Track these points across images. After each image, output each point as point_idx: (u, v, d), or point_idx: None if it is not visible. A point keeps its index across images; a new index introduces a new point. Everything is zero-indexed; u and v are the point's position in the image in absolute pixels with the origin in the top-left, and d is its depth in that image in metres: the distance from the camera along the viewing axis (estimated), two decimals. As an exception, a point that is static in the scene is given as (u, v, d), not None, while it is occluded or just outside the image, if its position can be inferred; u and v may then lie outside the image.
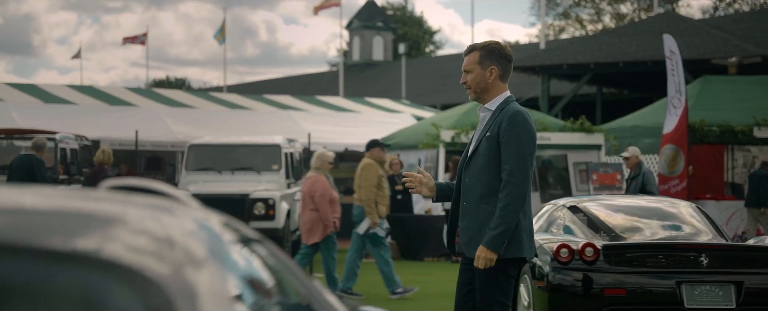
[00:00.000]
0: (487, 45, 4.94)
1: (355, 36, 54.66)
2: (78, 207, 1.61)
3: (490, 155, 4.75)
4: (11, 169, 13.48)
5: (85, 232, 1.51)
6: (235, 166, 15.95)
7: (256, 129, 21.99)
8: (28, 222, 1.51)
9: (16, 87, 24.61)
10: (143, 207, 1.71)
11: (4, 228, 1.47)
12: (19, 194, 1.69)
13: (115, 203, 1.70)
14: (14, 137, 16.89)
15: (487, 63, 4.86)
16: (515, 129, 4.72)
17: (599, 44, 28.40)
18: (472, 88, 4.88)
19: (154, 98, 25.66)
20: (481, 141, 4.82)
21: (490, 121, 4.83)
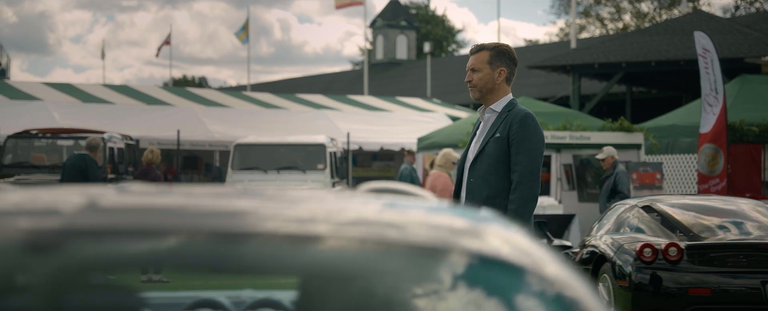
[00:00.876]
0: (498, 46, 4.93)
1: (379, 35, 54.76)
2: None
3: (499, 156, 4.72)
4: (65, 169, 13.60)
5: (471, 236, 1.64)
6: (281, 165, 16.10)
7: (292, 128, 22.14)
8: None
9: (54, 86, 24.82)
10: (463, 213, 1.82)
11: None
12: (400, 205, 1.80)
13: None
14: (61, 137, 17.06)
15: (497, 64, 4.83)
16: (527, 131, 4.70)
17: (630, 43, 28.40)
18: (477, 86, 4.83)
19: (189, 97, 25.83)
20: (488, 142, 4.77)
21: (497, 122, 4.78)
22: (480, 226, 1.70)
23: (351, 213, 1.70)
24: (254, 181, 15.69)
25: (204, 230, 1.53)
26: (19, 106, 21.42)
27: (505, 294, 1.52)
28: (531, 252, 1.64)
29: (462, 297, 1.50)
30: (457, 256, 1.56)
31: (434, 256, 1.55)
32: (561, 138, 18.15)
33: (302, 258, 1.53)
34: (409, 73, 51.39)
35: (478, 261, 1.57)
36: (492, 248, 1.61)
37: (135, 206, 1.65)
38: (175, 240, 1.50)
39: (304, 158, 16.24)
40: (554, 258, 1.68)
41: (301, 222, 1.59)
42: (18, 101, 22.00)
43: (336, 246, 1.55)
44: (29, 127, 19.03)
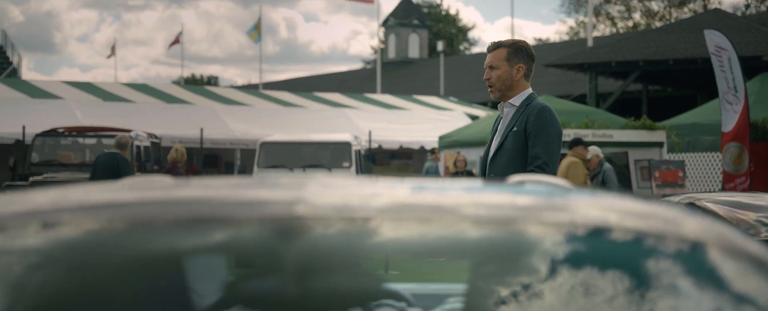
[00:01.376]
0: (515, 43, 4.92)
1: (391, 34, 54.82)
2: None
3: (517, 150, 4.72)
4: (96, 167, 13.67)
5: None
6: (306, 163, 16.17)
7: (312, 126, 22.21)
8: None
9: (74, 85, 24.92)
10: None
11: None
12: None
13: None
14: (88, 135, 17.14)
15: (515, 60, 4.83)
16: (543, 124, 4.69)
17: (647, 41, 28.40)
18: (496, 85, 4.84)
19: (208, 95, 25.91)
20: (507, 136, 4.76)
21: (516, 116, 4.79)
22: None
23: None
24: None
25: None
26: (41, 105, 21.53)
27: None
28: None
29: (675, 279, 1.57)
30: (673, 242, 1.63)
31: (654, 241, 1.62)
32: (583, 136, 18.17)
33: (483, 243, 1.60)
34: (421, 72, 51.44)
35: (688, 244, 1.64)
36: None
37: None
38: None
39: (330, 156, 16.31)
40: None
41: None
42: (39, 100, 22.11)
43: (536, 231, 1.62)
44: (52, 126, 19.13)
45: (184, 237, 1.59)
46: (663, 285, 1.53)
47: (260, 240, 1.53)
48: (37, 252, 1.60)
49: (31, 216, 1.67)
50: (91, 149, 16.89)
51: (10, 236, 1.61)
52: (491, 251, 1.59)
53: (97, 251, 1.61)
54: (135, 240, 1.62)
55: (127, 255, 1.62)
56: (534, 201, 1.76)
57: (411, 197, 1.71)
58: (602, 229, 1.62)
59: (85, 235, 1.60)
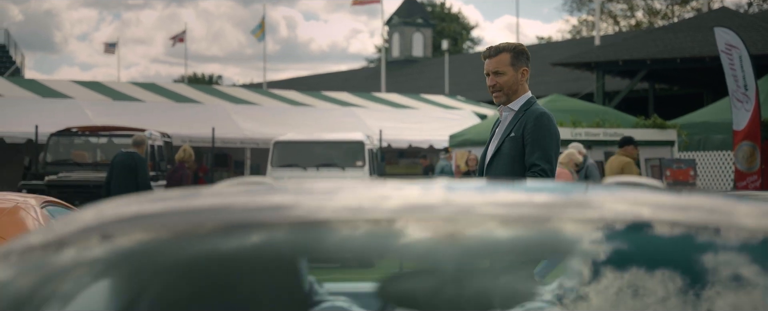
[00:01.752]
0: (516, 46, 4.88)
1: (395, 32, 54.86)
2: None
3: (514, 156, 4.70)
4: (113, 167, 13.70)
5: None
6: (320, 162, 16.21)
7: (322, 125, 22.26)
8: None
9: (83, 84, 24.95)
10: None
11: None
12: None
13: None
14: (101, 134, 17.18)
15: (518, 65, 4.82)
16: (541, 130, 4.67)
17: (654, 40, 28.44)
18: (504, 90, 4.80)
19: (216, 95, 25.94)
20: (504, 141, 4.75)
21: (514, 121, 4.77)
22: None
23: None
24: (295, 178, 15.81)
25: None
26: (51, 104, 21.56)
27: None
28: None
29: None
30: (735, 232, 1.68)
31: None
32: (595, 135, 18.23)
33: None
34: (425, 71, 51.47)
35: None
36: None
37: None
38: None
39: (343, 155, 16.36)
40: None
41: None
42: (49, 99, 22.12)
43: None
44: (63, 125, 19.17)
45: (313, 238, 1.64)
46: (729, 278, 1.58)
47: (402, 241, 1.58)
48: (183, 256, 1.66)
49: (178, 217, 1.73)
50: (105, 149, 16.93)
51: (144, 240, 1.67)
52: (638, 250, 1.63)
53: (226, 254, 1.66)
54: (261, 241, 1.66)
55: (249, 256, 1.68)
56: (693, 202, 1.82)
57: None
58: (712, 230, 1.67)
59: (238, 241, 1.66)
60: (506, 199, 1.76)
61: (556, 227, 1.63)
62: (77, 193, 14.47)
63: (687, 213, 1.72)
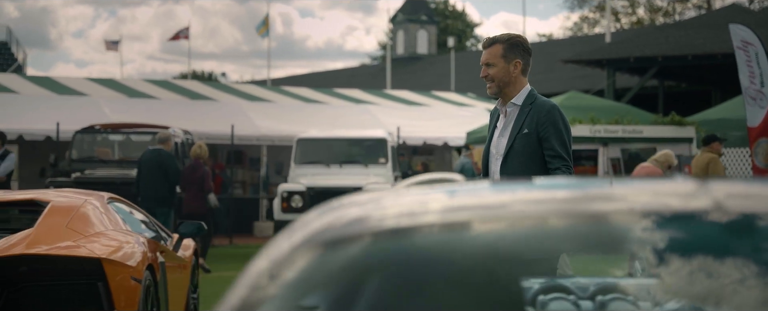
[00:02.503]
0: (511, 38, 4.83)
1: (399, 30, 54.86)
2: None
3: (529, 153, 4.66)
4: (142, 164, 13.76)
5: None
6: (343, 160, 16.24)
7: (338, 122, 22.30)
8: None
9: (97, 82, 24.96)
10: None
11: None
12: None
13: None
14: (125, 132, 17.21)
15: (511, 56, 4.76)
16: (556, 123, 4.65)
17: (665, 37, 28.52)
18: (495, 81, 4.77)
19: (231, 92, 25.95)
20: (516, 138, 4.69)
21: (521, 116, 4.71)
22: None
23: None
24: (318, 175, 15.85)
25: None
26: (69, 102, 21.57)
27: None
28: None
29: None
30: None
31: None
32: (613, 132, 18.31)
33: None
34: (430, 68, 51.47)
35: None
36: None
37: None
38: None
39: (366, 152, 16.40)
40: None
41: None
42: (66, 96, 22.07)
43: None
44: (82, 122, 19.19)
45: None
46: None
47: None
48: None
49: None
50: (129, 146, 16.97)
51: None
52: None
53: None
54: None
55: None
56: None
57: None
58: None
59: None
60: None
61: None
62: (103, 190, 14.49)
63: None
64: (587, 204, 1.80)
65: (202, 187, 13.69)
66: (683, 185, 1.98)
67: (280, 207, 15.19)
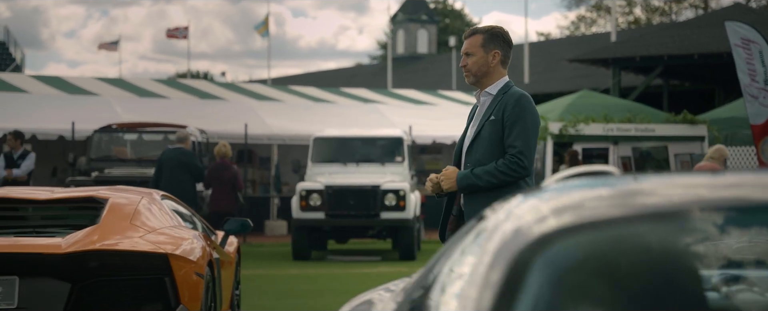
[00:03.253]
0: (491, 29, 4.86)
1: (400, 29, 54.93)
2: None
3: (494, 139, 4.66)
4: (162, 162, 13.81)
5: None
6: (360, 158, 16.30)
7: (348, 121, 22.37)
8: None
9: (107, 81, 25.00)
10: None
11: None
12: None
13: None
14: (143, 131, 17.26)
15: (490, 47, 4.77)
16: (522, 112, 4.64)
17: (671, 36, 28.64)
18: (472, 71, 4.77)
19: (239, 91, 26.00)
20: (484, 125, 4.70)
21: (492, 104, 4.72)
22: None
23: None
24: (335, 173, 15.91)
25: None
26: (81, 101, 21.60)
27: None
28: None
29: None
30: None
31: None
32: (626, 130, 18.42)
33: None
34: (431, 67, 51.57)
35: None
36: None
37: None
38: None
39: (382, 151, 16.45)
40: None
41: None
42: (77, 96, 22.05)
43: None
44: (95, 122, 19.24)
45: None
46: None
47: None
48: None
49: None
50: (146, 145, 17.02)
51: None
52: None
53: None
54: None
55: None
56: None
57: None
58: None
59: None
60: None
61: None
62: (123, 189, 14.59)
63: None
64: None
65: (234, 186, 13.77)
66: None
67: (298, 206, 15.24)
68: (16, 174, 14.51)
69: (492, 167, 4.58)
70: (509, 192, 4.32)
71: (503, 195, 4.32)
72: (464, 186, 4.63)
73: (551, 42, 52.35)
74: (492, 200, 4.28)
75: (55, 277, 5.32)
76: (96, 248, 5.38)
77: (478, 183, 4.60)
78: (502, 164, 4.58)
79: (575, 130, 18.02)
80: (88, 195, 6.39)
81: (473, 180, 4.60)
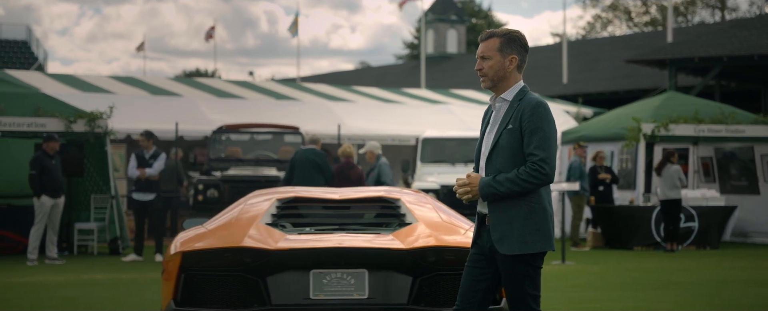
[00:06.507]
0: (508, 33, 4.80)
1: (429, 29, 55.21)
2: None
3: (514, 148, 4.62)
4: (295, 163, 14.09)
5: None
6: (467, 159, 16.60)
7: (420, 121, 22.68)
8: None
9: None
10: None
11: None
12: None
13: None
14: (249, 131, 17.55)
15: (508, 51, 4.72)
16: (540, 120, 4.59)
17: (728, 37, 28.90)
18: (488, 75, 4.72)
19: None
20: (502, 134, 4.66)
21: (509, 112, 4.68)
22: None
23: None
24: (444, 173, 16.22)
25: None
26: (163, 102, 21.89)
27: None
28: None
29: None
30: None
31: None
32: (717, 131, 18.70)
33: None
34: (462, 67, 51.85)
35: None
36: None
37: None
38: None
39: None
40: None
41: None
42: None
43: None
44: (186, 122, 19.54)
45: None
46: None
47: None
48: None
49: None
50: (258, 145, 17.30)
51: None
52: None
53: None
54: None
55: None
56: None
57: None
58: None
59: None
60: None
61: None
62: (249, 188, 14.88)
63: None
64: None
65: (360, 185, 14.07)
66: None
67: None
68: (149, 174, 14.81)
69: (514, 175, 4.58)
70: (532, 200, 4.59)
71: (527, 201, 4.58)
72: (486, 194, 4.65)
73: (586, 41, 52.62)
74: (514, 209, 4.58)
75: (399, 271, 5.61)
76: (434, 244, 5.69)
77: (500, 190, 4.61)
78: (524, 172, 4.58)
79: (666, 130, 18.31)
80: (377, 196, 6.71)
81: (495, 189, 4.61)
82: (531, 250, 4.64)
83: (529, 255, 4.64)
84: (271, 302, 5.50)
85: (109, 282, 12.00)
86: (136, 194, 14.95)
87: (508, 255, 4.64)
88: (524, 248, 4.64)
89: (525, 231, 4.63)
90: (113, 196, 16.06)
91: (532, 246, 4.64)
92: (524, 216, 4.64)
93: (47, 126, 15.30)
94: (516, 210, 4.64)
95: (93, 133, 15.57)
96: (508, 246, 4.64)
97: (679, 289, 11.34)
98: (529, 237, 4.64)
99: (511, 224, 4.63)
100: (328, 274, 5.58)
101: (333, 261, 5.58)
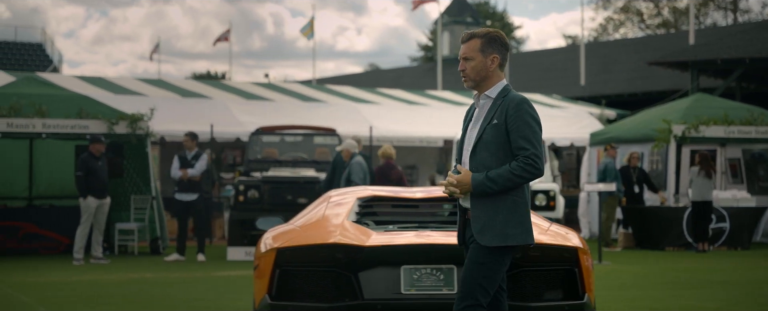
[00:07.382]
0: (488, 33, 4.92)
1: (445, 31, 55.37)
2: None
3: (498, 142, 4.72)
4: (336, 164, 14.30)
5: None
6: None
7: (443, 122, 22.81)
8: None
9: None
10: None
11: None
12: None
13: None
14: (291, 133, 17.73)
15: (489, 51, 4.84)
16: (524, 116, 4.70)
17: (749, 39, 29.00)
18: (471, 76, 4.84)
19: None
20: (486, 129, 4.76)
21: (493, 108, 4.79)
22: None
23: None
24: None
25: None
26: (194, 104, 22.08)
27: None
28: None
29: None
30: None
31: None
32: (747, 133, 18.83)
33: None
34: (478, 69, 52.01)
35: None
36: None
37: None
38: None
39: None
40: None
41: None
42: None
43: None
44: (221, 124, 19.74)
45: None
46: None
47: None
48: None
49: None
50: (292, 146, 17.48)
51: None
52: None
53: None
54: None
55: None
56: None
57: None
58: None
59: None
60: None
61: None
62: (289, 189, 15.09)
63: None
64: None
65: (401, 185, 14.26)
66: None
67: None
68: (192, 174, 15.01)
69: (506, 171, 4.66)
70: (515, 194, 4.71)
71: (511, 195, 4.68)
72: (481, 192, 4.72)
73: (600, 44, 52.70)
74: (498, 202, 4.70)
75: None
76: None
77: (493, 187, 4.69)
78: (518, 167, 4.66)
79: (697, 131, 18.44)
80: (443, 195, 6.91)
81: (490, 188, 4.69)
82: (512, 242, 4.76)
83: (508, 247, 4.75)
84: (363, 297, 5.66)
85: (159, 281, 12.21)
86: (179, 194, 15.16)
87: (487, 246, 4.74)
88: (506, 240, 4.74)
89: (508, 224, 4.74)
90: (154, 197, 16.29)
91: (514, 239, 4.76)
92: (508, 210, 4.75)
93: (90, 128, 15.52)
94: (501, 203, 4.74)
95: (135, 134, 15.79)
96: (490, 237, 4.74)
97: (723, 288, 11.47)
98: (511, 230, 4.75)
99: (494, 216, 4.73)
100: (419, 270, 5.75)
101: (423, 257, 5.75)
